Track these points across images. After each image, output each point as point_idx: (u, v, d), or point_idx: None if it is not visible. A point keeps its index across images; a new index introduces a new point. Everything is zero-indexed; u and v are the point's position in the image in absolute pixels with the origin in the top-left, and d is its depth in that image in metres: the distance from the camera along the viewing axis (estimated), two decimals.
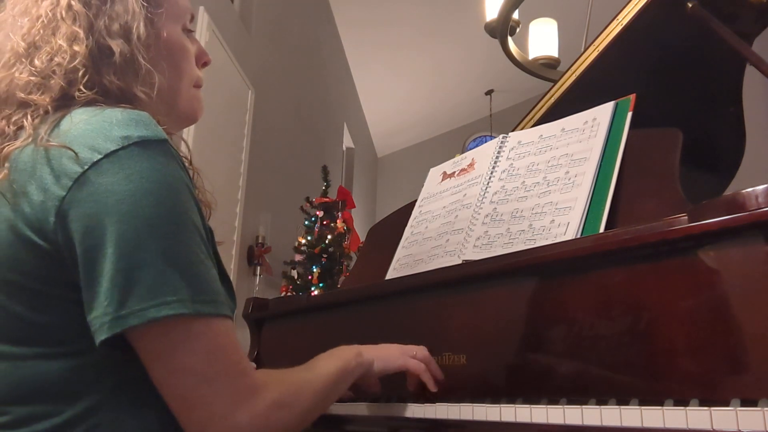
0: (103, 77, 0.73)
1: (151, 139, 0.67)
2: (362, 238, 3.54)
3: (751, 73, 1.33)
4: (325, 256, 4.21)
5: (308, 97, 5.66)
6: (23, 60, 0.73)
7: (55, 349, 0.66)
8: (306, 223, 4.41)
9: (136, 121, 0.68)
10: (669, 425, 0.63)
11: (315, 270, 4.17)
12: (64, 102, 0.72)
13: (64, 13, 0.74)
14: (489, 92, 7.37)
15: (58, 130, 0.68)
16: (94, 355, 0.66)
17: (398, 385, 0.96)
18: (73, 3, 0.74)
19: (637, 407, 0.67)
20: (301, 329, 1.31)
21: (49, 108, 0.71)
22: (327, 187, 4.54)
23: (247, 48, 4.02)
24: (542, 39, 2.82)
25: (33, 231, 0.65)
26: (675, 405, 0.67)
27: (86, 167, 0.64)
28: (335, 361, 0.85)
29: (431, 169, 1.34)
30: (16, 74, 0.73)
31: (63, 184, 0.64)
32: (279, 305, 1.38)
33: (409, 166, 8.04)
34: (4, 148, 0.70)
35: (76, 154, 0.65)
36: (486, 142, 1.31)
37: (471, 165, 1.21)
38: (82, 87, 0.71)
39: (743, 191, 0.68)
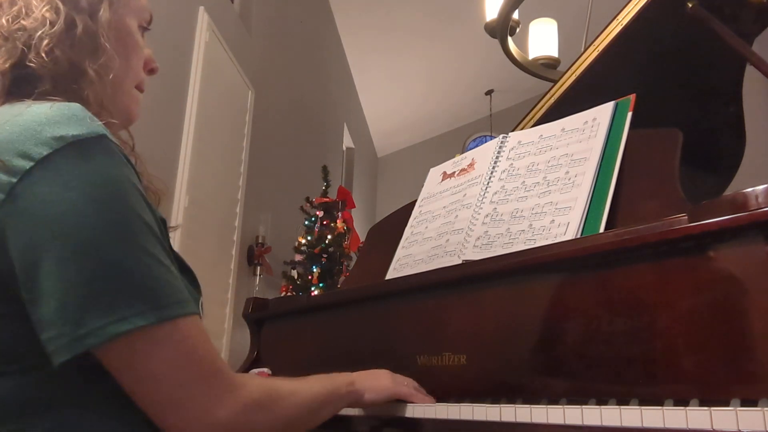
0: (58, 47, 0.70)
1: (87, 138, 0.61)
2: (362, 238, 3.54)
3: (751, 73, 1.33)
4: (325, 256, 4.20)
5: (308, 97, 5.66)
6: None
7: (7, 367, 0.62)
8: (306, 223, 4.40)
9: (68, 117, 0.63)
10: (669, 425, 0.63)
11: (315, 270, 4.17)
12: (16, 71, 0.69)
13: None
14: (489, 92, 7.36)
15: None
16: (49, 369, 0.60)
17: None
18: None
19: (637, 407, 0.67)
20: (301, 329, 1.31)
21: (0, 77, 0.68)
22: (327, 187, 4.53)
23: (247, 48, 4.02)
24: (542, 39, 2.82)
25: None
26: (675, 405, 0.67)
27: (17, 178, 0.59)
28: (327, 383, 0.85)
29: (431, 169, 1.34)
30: None
31: None
32: (279, 305, 1.38)
33: (409, 166, 8.04)
34: None
35: (3, 162, 0.59)
36: (486, 142, 1.31)
37: (471, 165, 1.21)
38: (43, 54, 0.68)
39: (743, 191, 0.68)
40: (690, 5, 1.24)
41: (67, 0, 0.72)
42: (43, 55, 0.68)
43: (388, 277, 1.22)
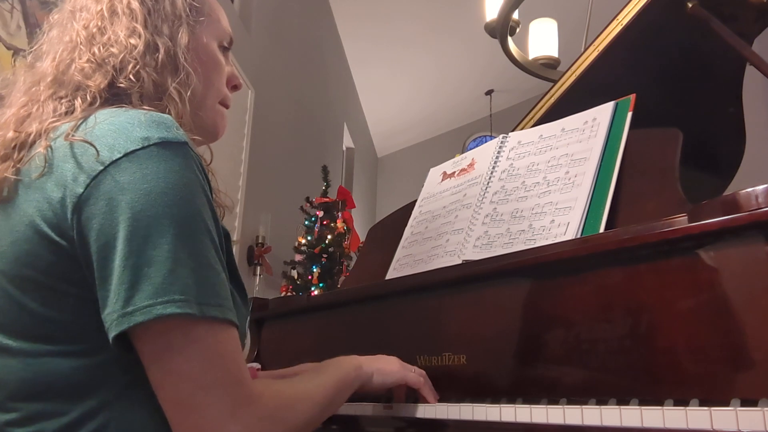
0: (143, 69, 0.77)
1: (171, 141, 0.68)
2: (362, 238, 3.54)
3: (751, 73, 1.33)
4: (325, 256, 4.20)
5: (308, 97, 5.66)
6: (82, 47, 0.78)
7: (67, 347, 0.67)
8: (306, 223, 4.40)
9: (158, 122, 0.69)
10: (669, 425, 0.63)
11: (315, 270, 4.17)
12: (111, 90, 0.76)
13: (123, 8, 0.79)
14: (489, 92, 7.36)
15: (85, 125, 0.71)
16: (105, 355, 0.67)
17: (397, 386, 0.96)
18: (131, 1, 0.80)
19: (637, 407, 0.67)
20: (301, 329, 1.31)
21: (98, 95, 0.75)
22: (327, 187, 4.54)
23: (247, 47, 4.02)
24: (542, 39, 2.82)
25: (51, 228, 0.66)
26: (675, 405, 0.67)
27: (105, 165, 0.66)
28: (336, 372, 0.85)
29: (431, 169, 1.35)
30: (77, 59, 0.77)
31: (81, 182, 0.66)
32: (279, 305, 1.38)
33: (409, 166, 8.04)
34: (52, 123, 0.73)
35: (97, 151, 0.66)
36: (486, 142, 1.31)
37: (471, 165, 1.21)
38: (131, 76, 0.76)
39: (743, 191, 0.68)
40: (690, 5, 1.24)
41: (150, 26, 0.79)
42: (131, 76, 0.76)
43: (388, 277, 1.22)
